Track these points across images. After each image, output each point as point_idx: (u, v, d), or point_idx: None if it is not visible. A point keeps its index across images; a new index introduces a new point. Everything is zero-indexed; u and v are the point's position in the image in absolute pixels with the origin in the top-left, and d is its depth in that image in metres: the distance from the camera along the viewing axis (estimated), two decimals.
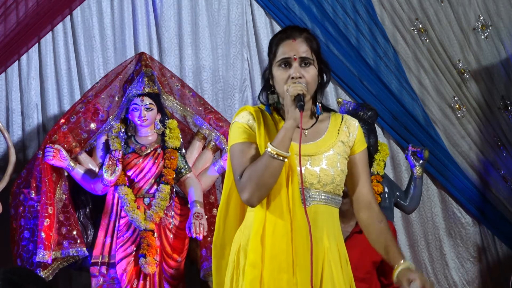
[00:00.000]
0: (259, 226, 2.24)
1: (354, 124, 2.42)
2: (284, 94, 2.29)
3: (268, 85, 2.42)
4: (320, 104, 2.41)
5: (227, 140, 3.26)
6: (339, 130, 2.39)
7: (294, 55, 2.32)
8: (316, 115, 2.41)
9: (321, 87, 2.41)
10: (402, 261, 2.28)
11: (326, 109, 2.47)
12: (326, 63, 2.42)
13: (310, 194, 2.30)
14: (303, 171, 2.30)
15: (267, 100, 2.42)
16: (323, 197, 2.32)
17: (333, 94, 5.00)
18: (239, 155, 2.29)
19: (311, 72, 2.33)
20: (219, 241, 2.45)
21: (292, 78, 2.29)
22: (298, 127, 2.23)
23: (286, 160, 2.21)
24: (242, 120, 2.36)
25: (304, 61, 2.33)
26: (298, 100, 2.24)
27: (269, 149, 2.20)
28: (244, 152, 2.29)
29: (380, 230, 2.38)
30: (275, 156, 2.19)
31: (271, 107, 2.41)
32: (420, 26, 5.04)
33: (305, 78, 2.30)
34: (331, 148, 2.35)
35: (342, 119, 2.43)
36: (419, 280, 2.20)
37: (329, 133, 2.38)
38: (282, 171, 2.23)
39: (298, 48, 2.34)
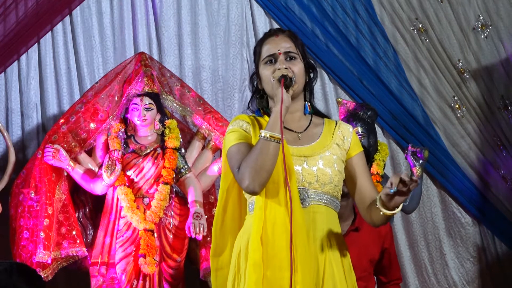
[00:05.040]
0: (259, 225, 2.23)
1: (348, 129, 2.44)
2: (272, 91, 2.31)
3: (256, 90, 2.43)
4: (309, 104, 2.42)
5: None
6: (333, 134, 2.40)
7: (279, 50, 2.35)
8: (307, 115, 2.42)
9: (309, 84, 2.42)
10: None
11: (320, 114, 2.49)
12: (312, 61, 2.44)
13: (309, 194, 2.31)
14: (300, 171, 2.31)
15: (256, 105, 2.43)
16: (322, 197, 2.32)
17: (333, 94, 5.00)
18: (236, 153, 2.30)
19: (297, 65, 2.36)
20: (217, 251, 2.45)
21: (279, 69, 2.31)
22: (287, 107, 2.24)
23: (280, 142, 2.21)
24: (236, 126, 2.38)
25: (289, 55, 2.36)
26: (282, 77, 2.27)
27: (262, 134, 2.22)
28: (241, 150, 2.30)
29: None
30: (268, 138, 2.20)
31: (261, 111, 2.42)
32: (420, 26, 5.04)
33: (292, 70, 2.32)
34: (327, 150, 2.36)
35: (336, 124, 2.45)
36: (393, 178, 2.07)
37: (323, 137, 2.39)
38: (280, 170, 2.23)
39: (282, 43, 2.37)
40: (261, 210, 2.25)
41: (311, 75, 2.44)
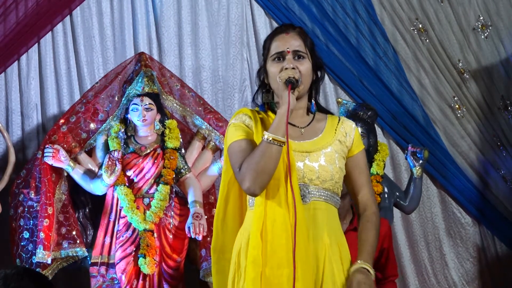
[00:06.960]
0: (258, 222, 2.24)
1: (350, 125, 2.44)
2: (277, 90, 2.30)
3: (263, 84, 2.43)
4: (314, 102, 2.42)
5: None
6: (336, 130, 2.41)
7: (288, 48, 2.35)
8: (312, 112, 2.42)
9: (315, 83, 2.42)
10: (358, 261, 2.30)
11: (323, 110, 2.49)
12: (320, 60, 2.43)
13: (309, 190, 2.31)
14: (301, 167, 2.31)
15: (262, 99, 2.43)
16: (322, 194, 2.32)
17: (333, 94, 5.00)
18: (238, 150, 2.30)
19: (305, 65, 2.35)
20: (218, 245, 2.44)
21: (286, 69, 2.31)
22: (292, 110, 2.24)
23: (282, 145, 2.21)
24: (239, 120, 2.37)
25: (297, 54, 2.35)
26: (289, 82, 2.26)
27: (265, 136, 2.21)
28: (243, 147, 2.30)
29: (363, 227, 2.38)
30: (271, 141, 2.20)
31: (265, 106, 2.42)
32: (420, 26, 5.04)
33: (299, 70, 2.31)
34: (329, 146, 2.36)
35: (339, 120, 2.45)
36: None
37: (326, 132, 2.39)
38: (281, 167, 2.24)
39: (292, 41, 2.36)
40: (261, 207, 2.25)
41: (319, 74, 2.44)
